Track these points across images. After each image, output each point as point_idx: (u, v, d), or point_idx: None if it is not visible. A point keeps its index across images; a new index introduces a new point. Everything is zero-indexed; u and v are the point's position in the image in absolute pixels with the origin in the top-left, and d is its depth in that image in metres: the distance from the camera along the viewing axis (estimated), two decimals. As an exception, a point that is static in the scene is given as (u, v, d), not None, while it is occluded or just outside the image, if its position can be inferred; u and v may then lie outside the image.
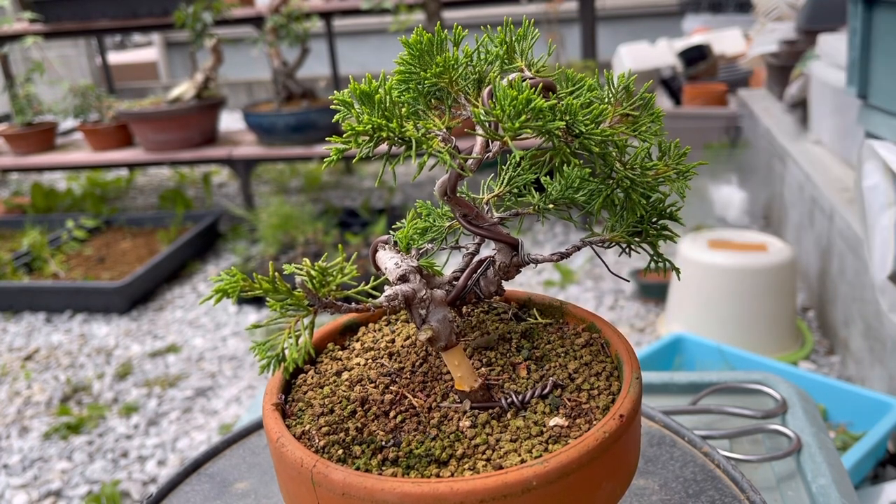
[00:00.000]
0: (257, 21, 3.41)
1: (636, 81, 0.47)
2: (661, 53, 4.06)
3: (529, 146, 0.47)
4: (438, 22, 0.62)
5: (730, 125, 3.48)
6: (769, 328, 1.95)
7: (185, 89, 3.33)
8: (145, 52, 7.49)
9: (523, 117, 0.39)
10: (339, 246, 0.41)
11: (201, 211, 3.59)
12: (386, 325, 0.55)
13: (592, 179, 0.47)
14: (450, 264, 0.51)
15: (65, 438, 2.04)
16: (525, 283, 2.75)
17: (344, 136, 0.39)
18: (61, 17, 3.63)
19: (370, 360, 0.50)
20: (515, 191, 0.50)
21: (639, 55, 4.04)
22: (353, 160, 0.44)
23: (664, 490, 0.62)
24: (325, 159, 0.41)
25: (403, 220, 0.53)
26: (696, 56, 3.90)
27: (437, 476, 0.40)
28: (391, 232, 0.52)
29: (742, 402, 0.82)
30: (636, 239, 0.48)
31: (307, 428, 0.45)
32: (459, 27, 0.45)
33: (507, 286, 0.53)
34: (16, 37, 3.72)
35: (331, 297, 0.41)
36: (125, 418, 2.12)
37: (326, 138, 0.41)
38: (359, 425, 0.44)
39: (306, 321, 0.41)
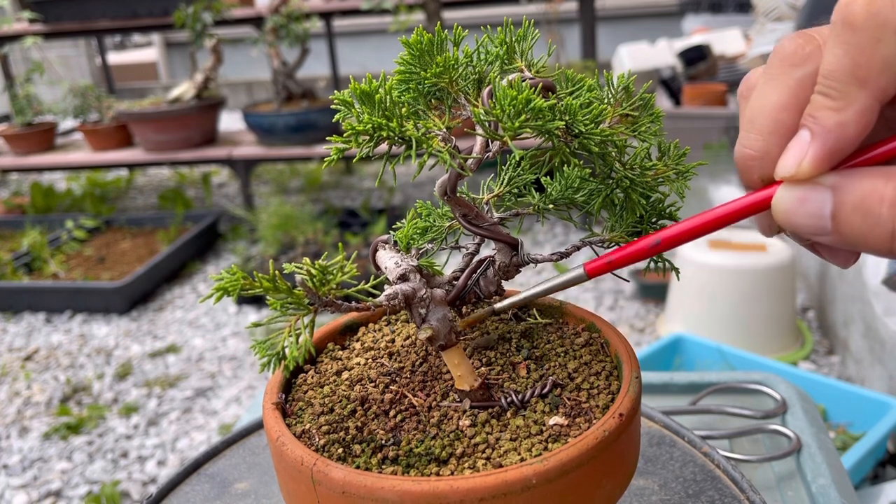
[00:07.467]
0: (257, 21, 3.42)
1: (636, 82, 0.47)
2: (661, 53, 4.06)
3: (529, 146, 0.47)
4: (438, 22, 0.62)
5: (730, 125, 3.48)
6: (769, 328, 1.95)
7: (185, 89, 3.33)
8: (145, 52, 7.50)
9: (523, 117, 0.39)
10: (340, 245, 0.41)
11: (201, 211, 3.59)
12: (386, 326, 0.55)
13: (592, 179, 0.47)
14: (450, 264, 0.51)
15: (65, 439, 2.04)
16: (525, 283, 2.75)
17: (344, 135, 0.40)
18: (61, 17, 3.63)
19: (370, 360, 0.51)
20: (515, 191, 0.50)
21: (639, 55, 4.04)
22: (354, 160, 0.44)
23: (664, 490, 0.62)
24: (325, 159, 0.41)
25: (403, 220, 0.53)
26: (696, 56, 3.90)
27: (437, 474, 0.40)
28: (391, 232, 0.52)
29: (742, 402, 0.82)
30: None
31: (307, 427, 0.45)
32: (459, 27, 0.45)
33: (507, 286, 0.53)
34: (16, 37, 3.72)
35: (331, 296, 0.41)
36: (125, 418, 2.12)
37: (327, 138, 0.41)
38: (359, 424, 0.44)
39: (306, 319, 0.41)
